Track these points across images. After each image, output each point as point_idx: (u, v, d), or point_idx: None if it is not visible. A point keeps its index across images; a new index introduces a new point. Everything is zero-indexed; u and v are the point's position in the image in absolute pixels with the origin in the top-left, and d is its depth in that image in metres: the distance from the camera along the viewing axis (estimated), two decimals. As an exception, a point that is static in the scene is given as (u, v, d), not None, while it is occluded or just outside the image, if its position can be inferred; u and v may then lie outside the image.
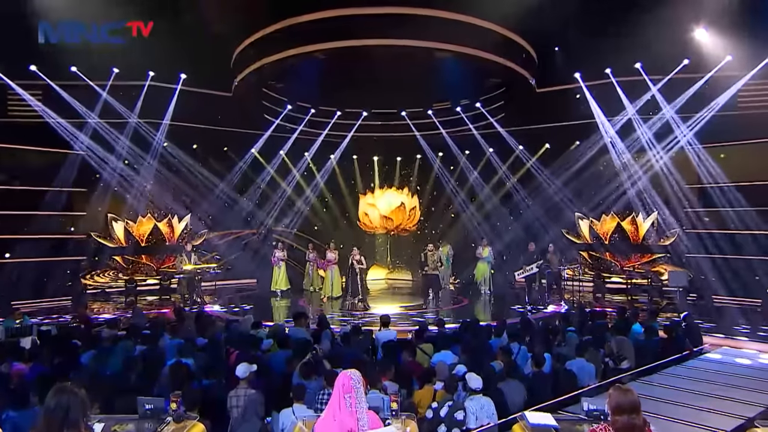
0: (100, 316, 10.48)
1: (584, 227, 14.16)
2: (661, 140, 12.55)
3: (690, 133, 12.17)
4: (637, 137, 12.78)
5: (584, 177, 13.91)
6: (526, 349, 6.06)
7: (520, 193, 15.27)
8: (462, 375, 4.67)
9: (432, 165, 16.67)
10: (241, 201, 15.46)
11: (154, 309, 11.34)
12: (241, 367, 4.71)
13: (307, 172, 16.55)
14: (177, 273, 12.07)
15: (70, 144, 12.47)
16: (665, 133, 12.47)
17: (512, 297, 13.08)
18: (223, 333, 6.99)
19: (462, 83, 13.00)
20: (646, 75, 11.95)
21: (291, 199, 16.37)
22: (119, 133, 12.76)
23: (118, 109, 12.50)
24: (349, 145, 16.28)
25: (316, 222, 16.95)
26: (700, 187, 12.49)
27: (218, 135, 14.24)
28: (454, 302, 12.69)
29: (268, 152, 15.62)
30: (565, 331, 6.88)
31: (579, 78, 12.81)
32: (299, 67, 11.73)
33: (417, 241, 17.20)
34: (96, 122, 12.43)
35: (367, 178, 17.75)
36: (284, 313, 11.78)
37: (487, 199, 15.87)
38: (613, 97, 12.49)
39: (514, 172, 15.52)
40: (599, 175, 13.87)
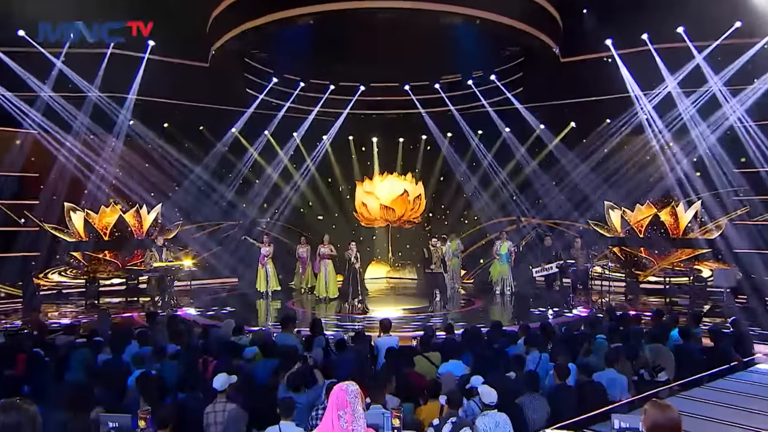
0: (56, 320, 10.50)
1: (615, 218, 14.09)
2: (707, 117, 12.45)
3: (741, 108, 12.09)
4: (678, 114, 12.69)
5: (615, 160, 13.90)
6: (548, 358, 6.07)
7: (541, 178, 15.26)
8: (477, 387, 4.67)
9: (439, 147, 16.66)
10: (220, 188, 15.47)
11: (120, 313, 11.37)
12: (219, 379, 4.72)
13: (296, 155, 16.53)
14: (146, 271, 12.07)
15: (19, 121, 12.40)
16: (711, 109, 12.35)
17: (532, 298, 13.11)
18: (200, 340, 7.03)
19: (474, 52, 12.92)
20: (690, 41, 11.81)
21: (278, 186, 16.37)
22: (77, 109, 12.70)
23: (75, 81, 12.40)
24: (344, 124, 16.26)
25: (307, 212, 16.96)
26: (752, 171, 12.43)
27: (193, 112, 14.20)
28: (465, 304, 12.73)
29: (251, 132, 15.60)
30: (592, 337, 6.88)
31: (610, 45, 12.72)
32: (286, 34, 11.64)
33: (422, 234, 17.23)
34: (49, 96, 12.34)
35: (364, 163, 17.74)
36: (271, 317, 11.79)
37: (504, 186, 15.87)
38: (650, 67, 12.41)
39: (534, 154, 15.51)
40: (633, 158, 13.84)
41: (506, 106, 14.99)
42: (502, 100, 14.96)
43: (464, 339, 6.91)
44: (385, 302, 13.06)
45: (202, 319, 10.73)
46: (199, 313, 11.43)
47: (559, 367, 5.36)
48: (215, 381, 4.72)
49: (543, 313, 11.11)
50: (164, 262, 11.84)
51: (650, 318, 8.60)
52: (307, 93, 15.58)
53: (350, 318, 10.86)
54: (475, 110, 15.63)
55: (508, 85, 14.70)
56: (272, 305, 12.99)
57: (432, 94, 15.70)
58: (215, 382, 4.71)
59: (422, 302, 12.53)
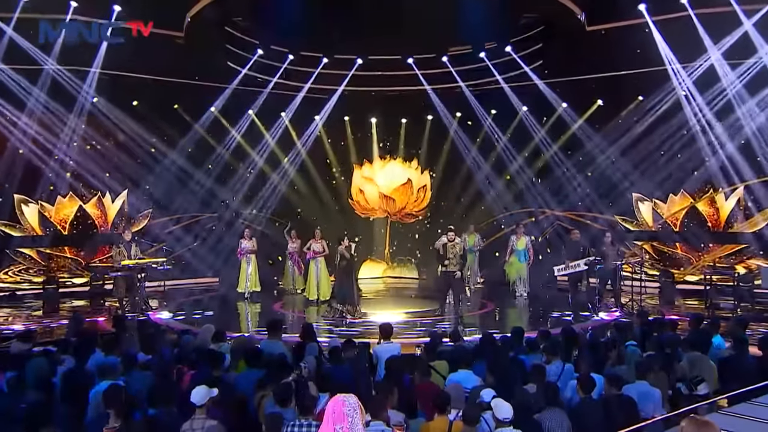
0: (8, 326, 10.48)
1: (646, 211, 14.10)
2: (756, 93, 12.39)
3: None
4: (722, 90, 12.64)
5: (649, 144, 13.86)
6: (572, 368, 6.06)
7: (563, 165, 15.22)
8: (489, 401, 4.67)
9: (447, 129, 16.61)
10: (197, 175, 15.44)
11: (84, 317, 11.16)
12: (198, 392, 4.71)
13: (285, 137, 16.50)
14: (112, 270, 12.01)
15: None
16: (761, 83, 12.29)
17: (552, 300, 13.10)
18: (174, 347, 7.04)
19: (487, 20, 12.80)
20: (737, 5, 11.72)
21: (263, 173, 16.34)
22: (31, 83, 12.62)
23: (29, 52, 12.30)
24: (339, 102, 16.22)
25: (298, 203, 16.96)
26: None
27: (166, 89, 14.14)
28: (477, 307, 12.72)
29: (232, 112, 15.56)
30: (622, 345, 6.87)
31: (644, 11, 12.63)
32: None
33: (424, 229, 17.23)
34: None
35: (363, 146, 17.70)
36: (255, 322, 11.76)
37: (520, 173, 15.83)
38: (690, 36, 12.32)
39: (556, 137, 15.47)
40: (669, 140, 13.78)
41: (523, 81, 14.94)
42: (519, 75, 14.91)
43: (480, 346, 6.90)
44: (383, 305, 13.06)
45: (177, 323, 10.74)
46: (173, 318, 11.47)
47: (584, 378, 5.36)
48: (193, 394, 4.71)
49: (565, 317, 11.09)
50: (133, 260, 11.80)
51: (688, 323, 8.59)
52: (296, 67, 15.52)
53: (343, 323, 10.87)
54: (487, 87, 15.57)
55: (525, 58, 14.63)
56: (254, 308, 12.98)
57: (439, 69, 15.64)
58: (193, 396, 4.70)
59: (427, 305, 12.52)
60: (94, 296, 12.79)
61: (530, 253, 13.77)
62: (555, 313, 11.70)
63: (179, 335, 7.82)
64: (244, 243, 13.76)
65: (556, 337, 7.14)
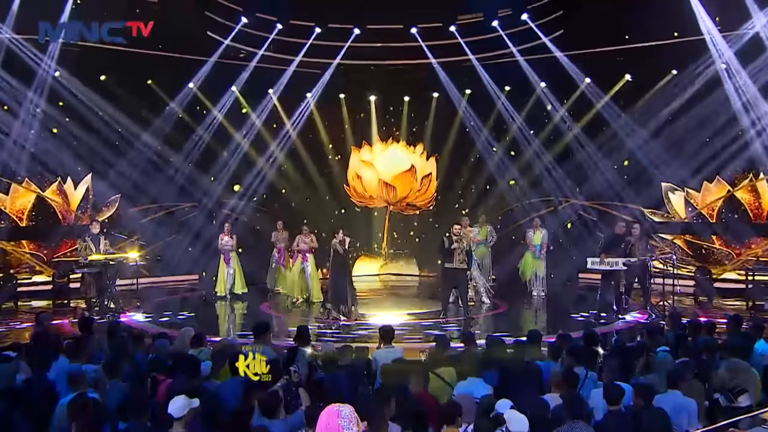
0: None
1: (677, 202, 14.08)
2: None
3: None
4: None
5: (682, 124, 13.80)
6: (595, 376, 6.05)
7: (586, 148, 15.18)
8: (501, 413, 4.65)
9: (455, 107, 16.54)
10: (174, 160, 15.43)
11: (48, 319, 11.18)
12: (176, 403, 4.70)
13: (273, 117, 16.45)
14: (78, 266, 12.02)
15: None
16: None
17: (573, 300, 13.09)
18: (149, 353, 7.04)
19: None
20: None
21: (249, 157, 16.31)
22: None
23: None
24: (333, 78, 16.17)
25: (288, 191, 16.95)
26: None
27: (139, 62, 14.09)
28: (488, 307, 12.74)
29: (214, 88, 15.52)
30: (652, 350, 6.86)
31: (678, -28, 12.62)
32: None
33: (427, 223, 17.17)
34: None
35: (360, 128, 17.67)
36: (239, 324, 11.76)
37: (538, 157, 15.80)
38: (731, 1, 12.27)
39: (578, 117, 15.43)
40: (706, 120, 13.69)
41: (542, 54, 14.88)
42: (537, 46, 14.86)
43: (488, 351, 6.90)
44: (381, 305, 13.05)
45: (152, 326, 10.78)
46: (147, 320, 11.50)
47: (611, 387, 5.33)
48: (171, 405, 4.69)
49: (588, 319, 11.10)
50: (102, 255, 11.77)
51: (726, 326, 8.57)
52: (286, 38, 15.46)
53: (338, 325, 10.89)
54: (501, 60, 15.52)
55: (543, 27, 14.60)
56: (239, 309, 13.00)
57: (446, 40, 15.59)
58: (171, 407, 4.68)
59: (431, 305, 12.49)
60: (58, 296, 12.78)
61: (543, 249, 13.75)
62: (576, 315, 11.71)
63: (154, 339, 7.74)
64: (224, 239, 13.71)
65: (577, 342, 7.13)
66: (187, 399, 4.72)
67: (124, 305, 12.22)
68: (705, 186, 13.73)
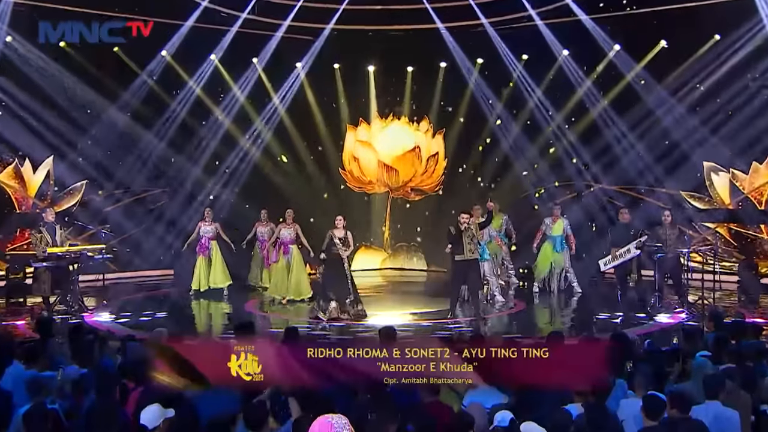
0: None
1: (721, 184, 14.04)
2: None
3: None
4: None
5: (726, 97, 13.76)
6: (624, 384, 6.05)
7: (615, 125, 15.14)
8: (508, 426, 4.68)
9: (466, 79, 16.48)
10: (145, 138, 15.44)
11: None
12: (149, 412, 4.76)
13: (258, 90, 16.43)
14: (35, 259, 11.98)
15: None
16: None
17: (600, 298, 13.12)
18: (117, 358, 7.07)
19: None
20: None
21: (230, 135, 16.28)
22: None
23: None
24: (327, 45, 16.15)
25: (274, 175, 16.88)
26: None
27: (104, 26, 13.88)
28: (502, 306, 12.78)
29: (190, 57, 15.50)
30: (689, 356, 6.86)
31: None
32: None
33: (436, 210, 17.18)
34: None
35: (358, 102, 17.63)
36: (220, 324, 11.94)
37: (559, 136, 15.81)
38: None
39: (606, 89, 15.41)
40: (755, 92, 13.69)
41: (564, 17, 14.84)
42: (559, 8, 14.80)
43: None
44: (383, 303, 13.15)
45: (120, 327, 10.80)
46: (115, 320, 11.53)
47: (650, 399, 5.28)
48: (144, 415, 4.74)
49: (614, 320, 11.15)
50: (62, 247, 11.79)
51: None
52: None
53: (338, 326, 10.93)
54: (518, 24, 15.51)
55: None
56: (219, 307, 13.06)
57: (455, 2, 15.57)
58: (144, 417, 4.73)
59: (439, 303, 12.55)
60: (13, 293, 12.81)
61: (570, 241, 13.69)
62: (603, 315, 11.73)
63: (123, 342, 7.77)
64: (204, 227, 13.69)
65: None
66: (161, 408, 4.77)
67: (88, 304, 12.22)
68: (754, 167, 13.67)
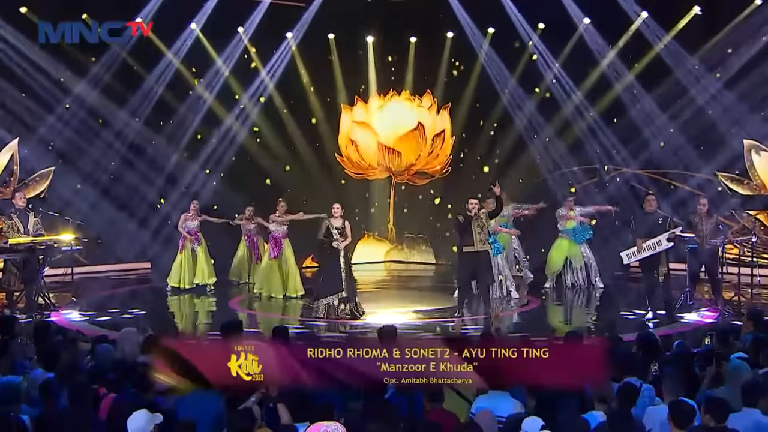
0: None
1: (762, 165, 14.02)
2: None
3: None
4: None
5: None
6: (652, 390, 6.04)
7: (642, 101, 15.16)
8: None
9: (475, 50, 16.48)
10: (119, 117, 15.46)
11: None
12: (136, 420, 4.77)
13: (243, 64, 16.45)
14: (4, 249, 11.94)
15: None
16: None
17: (623, 294, 13.18)
18: (88, 360, 7.09)
19: None
20: None
21: (213, 114, 16.29)
22: None
23: None
24: (320, 13, 16.12)
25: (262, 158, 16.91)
26: None
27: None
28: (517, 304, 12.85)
29: (167, 26, 15.42)
30: (724, 358, 6.78)
31: None
32: None
33: (444, 195, 17.17)
34: None
35: (355, 77, 17.64)
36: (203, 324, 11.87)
37: (579, 114, 15.77)
38: None
39: (631, 62, 15.40)
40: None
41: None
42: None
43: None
44: (385, 300, 13.21)
45: (92, 327, 10.72)
46: (86, 318, 11.50)
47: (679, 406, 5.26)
48: (131, 424, 4.75)
49: (641, 319, 11.13)
50: (28, 237, 11.78)
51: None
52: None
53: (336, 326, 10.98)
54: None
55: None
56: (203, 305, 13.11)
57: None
58: (131, 426, 4.74)
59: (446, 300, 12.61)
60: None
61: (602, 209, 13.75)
62: (627, 313, 11.74)
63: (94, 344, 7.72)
64: (188, 222, 13.76)
65: (629, 347, 7.26)
66: (149, 413, 4.79)
67: (56, 300, 12.23)
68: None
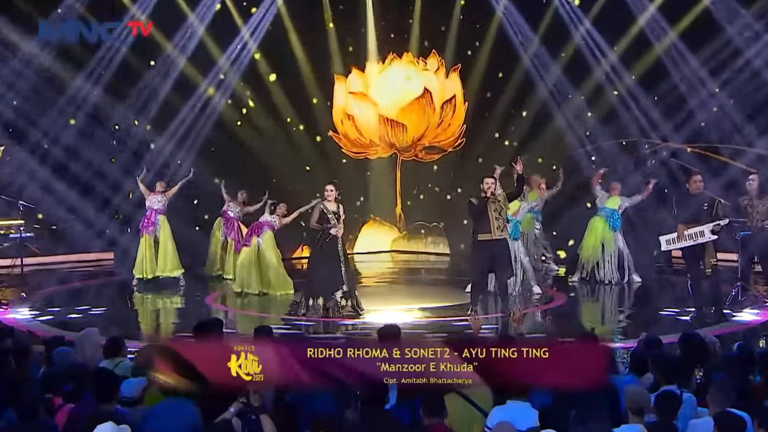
0: None
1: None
2: None
3: None
4: None
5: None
6: (694, 400, 6.07)
7: (686, 65, 15.15)
8: None
9: (492, 6, 16.54)
10: (77, 84, 15.50)
11: None
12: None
13: (222, 23, 16.51)
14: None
15: None
16: None
17: (664, 290, 13.28)
18: (42, 366, 7.13)
19: None
20: None
21: (187, 80, 16.35)
22: None
23: None
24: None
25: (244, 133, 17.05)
26: None
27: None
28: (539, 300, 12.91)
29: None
30: None
31: None
32: None
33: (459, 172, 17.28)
34: None
35: (351, 41, 17.77)
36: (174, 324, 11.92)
37: (613, 81, 15.85)
38: None
39: (673, 19, 15.38)
40: None
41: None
42: None
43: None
44: (390, 296, 13.34)
45: (45, 327, 10.76)
46: (38, 317, 11.55)
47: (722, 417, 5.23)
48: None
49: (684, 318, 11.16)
50: None
51: None
52: None
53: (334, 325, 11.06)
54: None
55: None
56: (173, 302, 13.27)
57: None
58: None
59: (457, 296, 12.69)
60: None
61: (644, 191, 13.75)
62: (669, 311, 11.77)
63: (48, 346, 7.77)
64: (152, 197, 13.80)
65: (669, 350, 7.29)
66: (115, 426, 4.82)
67: (3, 296, 12.35)
68: None
